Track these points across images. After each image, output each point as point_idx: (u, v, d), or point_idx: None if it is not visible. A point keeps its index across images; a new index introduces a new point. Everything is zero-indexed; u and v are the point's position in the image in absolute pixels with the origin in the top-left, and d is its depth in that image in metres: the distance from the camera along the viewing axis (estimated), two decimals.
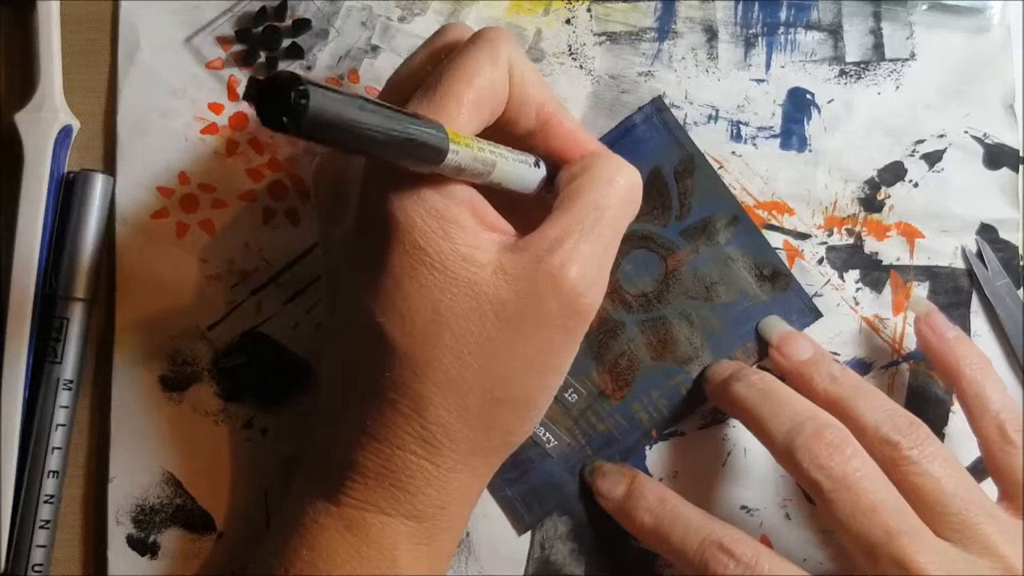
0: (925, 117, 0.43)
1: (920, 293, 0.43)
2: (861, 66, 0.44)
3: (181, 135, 0.43)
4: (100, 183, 0.42)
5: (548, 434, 0.42)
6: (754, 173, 0.43)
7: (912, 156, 0.43)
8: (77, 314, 0.41)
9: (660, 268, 0.43)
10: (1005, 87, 0.44)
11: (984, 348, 0.42)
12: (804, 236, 0.43)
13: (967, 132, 0.43)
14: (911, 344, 0.43)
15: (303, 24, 0.43)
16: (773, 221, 0.43)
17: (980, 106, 0.43)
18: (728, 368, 0.41)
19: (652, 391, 0.42)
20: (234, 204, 0.43)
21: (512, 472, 0.42)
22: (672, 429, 0.42)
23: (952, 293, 0.43)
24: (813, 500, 0.36)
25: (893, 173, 0.43)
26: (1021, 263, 0.43)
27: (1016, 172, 0.43)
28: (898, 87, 0.44)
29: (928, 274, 0.43)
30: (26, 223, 0.41)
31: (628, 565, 0.41)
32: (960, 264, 0.43)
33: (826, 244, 0.43)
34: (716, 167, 0.43)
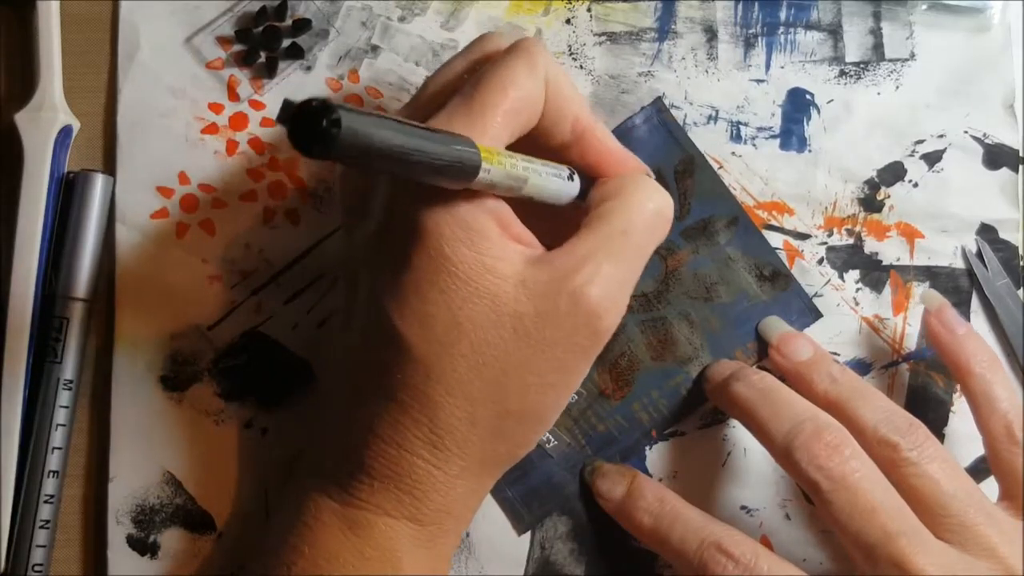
0: (925, 117, 0.43)
1: (920, 293, 0.43)
2: (861, 66, 0.44)
3: (181, 135, 0.43)
4: (100, 183, 0.42)
5: (548, 434, 0.42)
6: (754, 173, 0.43)
7: (912, 156, 0.43)
8: (77, 314, 0.41)
9: (660, 268, 0.43)
10: (1005, 87, 0.43)
11: None
12: (804, 236, 0.43)
13: (967, 132, 0.43)
14: (911, 344, 0.43)
15: (303, 24, 0.43)
16: (773, 221, 0.43)
17: (980, 106, 0.43)
18: (728, 368, 0.41)
19: (652, 391, 0.42)
20: (234, 204, 0.43)
21: (512, 472, 0.41)
22: (672, 429, 0.42)
23: (952, 293, 0.42)
24: (812, 501, 0.36)
25: (893, 173, 0.43)
26: (1021, 263, 0.43)
27: (1016, 172, 0.43)
28: (898, 87, 0.44)
29: (928, 274, 0.43)
30: (26, 223, 0.41)
31: (628, 565, 0.42)
32: (960, 264, 0.43)
33: (826, 244, 0.43)
34: (716, 167, 0.43)
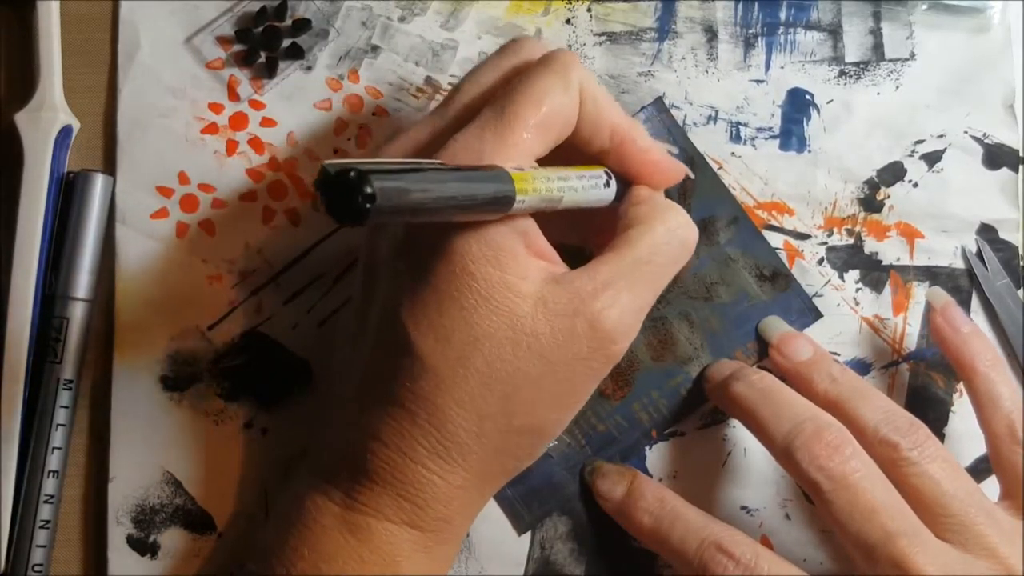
0: (925, 117, 0.43)
1: (920, 293, 0.43)
2: (861, 66, 0.44)
3: (181, 135, 0.43)
4: (100, 183, 0.42)
5: None
6: (753, 174, 0.43)
7: (912, 156, 0.43)
8: (77, 314, 0.41)
9: None
10: (1005, 87, 0.43)
11: None
12: (804, 236, 0.43)
13: (967, 132, 0.43)
14: (911, 344, 0.43)
15: (303, 24, 0.43)
16: (773, 221, 0.43)
17: (980, 106, 0.43)
18: (728, 368, 0.41)
19: (652, 391, 0.42)
20: (234, 204, 0.43)
21: None
22: (672, 429, 0.42)
23: (952, 293, 0.42)
24: (812, 501, 0.36)
25: (892, 173, 0.43)
26: (1021, 263, 0.43)
27: (1016, 172, 0.43)
28: (898, 87, 0.44)
29: (928, 274, 0.43)
30: (26, 223, 0.41)
31: (628, 565, 0.41)
32: (960, 264, 0.43)
33: (826, 244, 0.43)
34: (716, 168, 0.43)
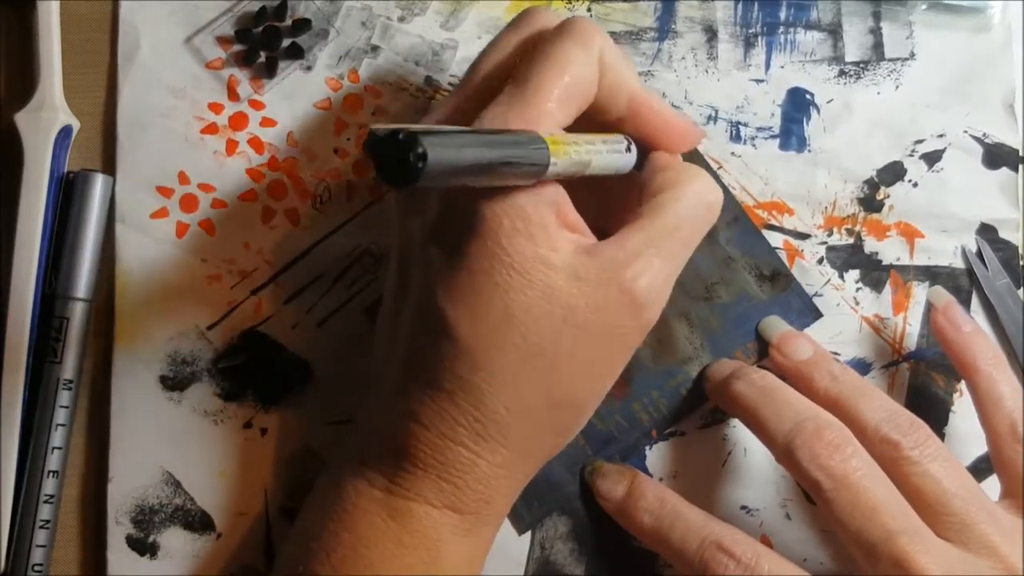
0: (925, 117, 0.43)
1: (920, 293, 0.43)
2: (861, 66, 0.44)
3: (181, 135, 0.43)
4: (100, 183, 0.42)
5: None
6: (753, 173, 0.43)
7: (912, 156, 0.43)
8: (77, 314, 0.41)
9: None
10: (1005, 87, 0.44)
11: None
12: (804, 236, 0.43)
13: (967, 132, 0.43)
14: (911, 344, 0.43)
15: (303, 24, 0.43)
16: (773, 221, 0.43)
17: (980, 106, 0.43)
18: (728, 367, 0.41)
19: (652, 391, 0.42)
20: (234, 204, 0.43)
21: None
22: (672, 429, 0.42)
23: (952, 293, 0.42)
24: (813, 500, 0.36)
25: (892, 173, 0.43)
26: (1021, 263, 0.43)
27: (1016, 172, 0.43)
28: (898, 87, 0.44)
29: (928, 274, 0.43)
30: (26, 223, 0.41)
31: (628, 565, 0.41)
32: (960, 264, 0.43)
33: (826, 244, 0.43)
34: (716, 168, 0.43)
